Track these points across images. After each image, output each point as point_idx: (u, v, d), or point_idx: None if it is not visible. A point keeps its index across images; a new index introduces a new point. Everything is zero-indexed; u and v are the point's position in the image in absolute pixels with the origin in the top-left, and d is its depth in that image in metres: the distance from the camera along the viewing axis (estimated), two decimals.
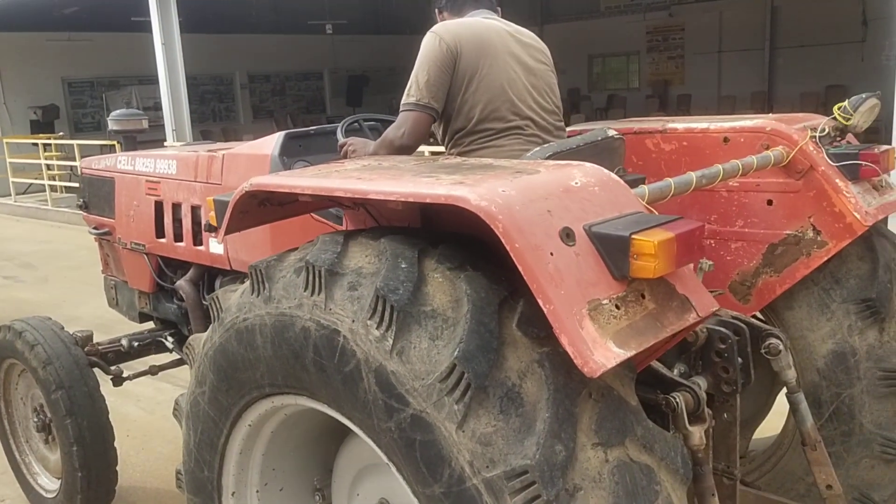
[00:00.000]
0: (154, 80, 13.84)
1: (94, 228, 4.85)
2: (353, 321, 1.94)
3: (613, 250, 1.84)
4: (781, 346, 2.81)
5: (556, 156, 2.81)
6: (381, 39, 26.17)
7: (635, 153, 3.38)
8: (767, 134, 3.06)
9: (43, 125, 20.41)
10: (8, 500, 4.48)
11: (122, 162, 4.55)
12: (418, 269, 1.95)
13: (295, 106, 26.61)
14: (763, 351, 2.83)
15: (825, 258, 3.00)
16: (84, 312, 7.91)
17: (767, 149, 3.03)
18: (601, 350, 1.71)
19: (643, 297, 1.88)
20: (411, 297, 1.88)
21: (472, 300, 1.85)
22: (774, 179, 3.08)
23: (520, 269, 1.75)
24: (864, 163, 2.94)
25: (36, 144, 17.36)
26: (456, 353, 1.77)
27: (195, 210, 3.99)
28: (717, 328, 2.62)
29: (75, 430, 3.72)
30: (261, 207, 2.50)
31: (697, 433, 2.31)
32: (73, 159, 15.10)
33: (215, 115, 25.04)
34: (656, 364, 2.44)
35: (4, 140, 18.06)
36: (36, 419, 4.10)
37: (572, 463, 1.73)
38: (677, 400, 2.29)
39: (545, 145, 3.00)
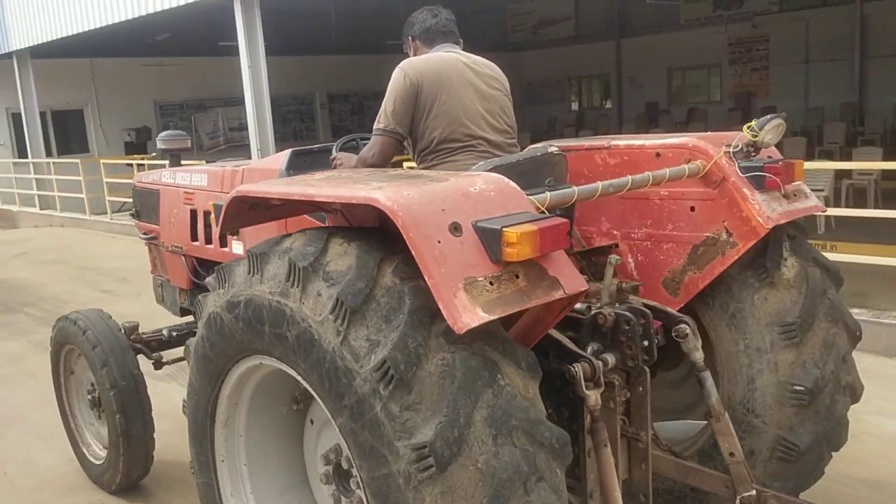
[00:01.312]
0: (239, 102, 14.33)
1: (144, 234, 5.53)
2: (279, 287, 2.56)
3: (490, 240, 2.33)
4: (689, 331, 3.25)
5: (497, 168, 3.29)
6: None
7: (587, 167, 3.83)
8: (690, 150, 3.48)
9: (136, 146, 21.59)
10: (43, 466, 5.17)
11: (166, 176, 5.24)
12: (324, 244, 2.54)
13: (372, 125, 27.14)
14: (673, 334, 3.27)
15: (736, 257, 3.39)
16: (171, 322, 8.59)
17: (688, 162, 3.47)
18: (469, 314, 2.21)
19: (517, 276, 2.36)
20: (315, 260, 2.48)
21: (358, 256, 2.46)
22: (696, 189, 3.49)
23: (413, 253, 2.27)
24: (767, 175, 3.36)
25: (130, 165, 18.01)
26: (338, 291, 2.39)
27: None
28: (624, 313, 3.09)
29: (118, 399, 4.39)
30: (252, 211, 3.08)
31: (594, 396, 2.83)
32: None
33: (296, 134, 25.84)
34: (564, 339, 2.95)
35: (101, 161, 18.74)
36: (89, 396, 4.78)
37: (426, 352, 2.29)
38: (576, 369, 2.82)
39: (490, 160, 3.49)
